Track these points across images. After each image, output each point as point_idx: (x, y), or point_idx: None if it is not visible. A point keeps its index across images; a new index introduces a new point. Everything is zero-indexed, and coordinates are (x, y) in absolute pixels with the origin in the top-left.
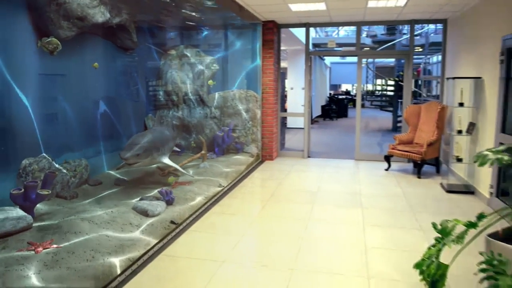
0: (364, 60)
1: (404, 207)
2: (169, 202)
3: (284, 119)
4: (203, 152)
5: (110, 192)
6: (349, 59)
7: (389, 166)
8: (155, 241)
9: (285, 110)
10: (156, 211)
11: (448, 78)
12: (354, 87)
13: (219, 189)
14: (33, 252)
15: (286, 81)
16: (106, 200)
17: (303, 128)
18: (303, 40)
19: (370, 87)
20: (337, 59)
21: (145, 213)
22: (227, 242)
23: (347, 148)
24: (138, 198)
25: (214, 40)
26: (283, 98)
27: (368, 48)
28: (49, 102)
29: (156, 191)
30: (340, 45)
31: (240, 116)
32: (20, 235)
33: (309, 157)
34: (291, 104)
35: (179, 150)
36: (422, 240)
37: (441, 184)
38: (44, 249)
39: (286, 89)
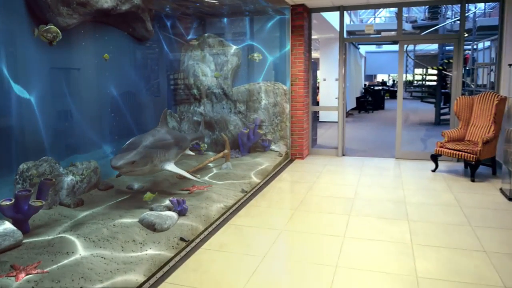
0: (410, 46)
1: (460, 219)
2: (182, 213)
3: (316, 113)
4: (225, 151)
5: (119, 200)
6: (386, 47)
7: (437, 166)
8: (160, 264)
9: (317, 103)
10: (165, 224)
11: (510, 65)
12: (391, 77)
13: (241, 195)
14: (13, 278)
15: (318, 72)
16: (113, 209)
17: (336, 122)
18: (337, 26)
19: (409, 77)
20: (372, 48)
21: (152, 227)
22: (244, 268)
23: (386, 145)
24: (149, 208)
25: (239, 28)
26: (315, 90)
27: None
28: (54, 98)
29: (168, 200)
30: (377, 32)
31: (267, 111)
32: (4, 255)
33: (343, 155)
34: (323, 96)
35: (193, 153)
36: (487, 266)
37: (501, 190)
38: (26, 274)
39: (318, 80)
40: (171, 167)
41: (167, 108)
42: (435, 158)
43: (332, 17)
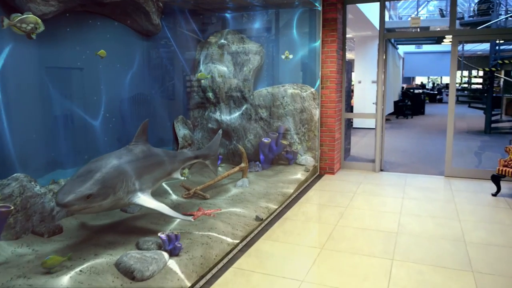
0: (446, 47)
1: None
2: (173, 253)
3: (349, 119)
4: (242, 165)
5: (106, 224)
6: (426, 48)
7: (499, 189)
8: None
9: (351, 109)
10: (148, 271)
11: None
12: (430, 80)
13: (255, 224)
14: None
15: (353, 74)
16: (92, 240)
17: (373, 129)
18: (375, 21)
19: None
20: (411, 48)
21: (130, 275)
22: None
23: (431, 158)
24: (135, 243)
25: (262, 23)
26: (349, 94)
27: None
28: (32, 102)
29: (160, 234)
30: (417, 32)
31: (292, 118)
32: None
33: (381, 170)
34: (358, 101)
35: (182, 177)
36: None
37: None
38: None
39: (352, 83)
40: (143, 200)
41: (177, 114)
42: (497, 179)
43: (370, 11)
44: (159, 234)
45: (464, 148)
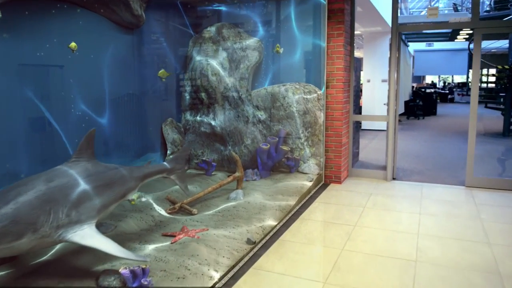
0: (459, 44)
1: None
2: None
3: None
4: (236, 174)
5: (67, 252)
6: (437, 45)
7: None
8: None
9: (359, 110)
10: None
11: None
12: (441, 79)
13: (247, 248)
14: None
15: (361, 73)
16: (41, 278)
17: (383, 131)
18: (385, 15)
19: (463, 78)
20: (422, 46)
21: None
22: None
23: (448, 165)
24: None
25: (261, 16)
26: (358, 94)
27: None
28: None
29: (121, 270)
30: (433, 25)
31: (294, 121)
32: None
33: (394, 179)
34: (367, 101)
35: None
36: None
37: None
38: None
39: (361, 82)
40: (80, 235)
41: (165, 116)
42: None
43: (381, 3)
44: (120, 270)
45: (483, 153)
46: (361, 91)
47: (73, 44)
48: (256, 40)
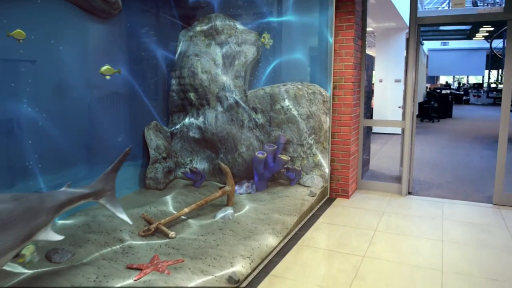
0: (476, 43)
1: None
2: None
3: (372, 115)
4: (226, 188)
5: None
6: (453, 44)
7: None
8: None
9: (370, 113)
10: None
11: None
12: (456, 80)
13: None
14: None
15: (373, 73)
16: None
17: (396, 135)
18: (400, 8)
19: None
20: (437, 45)
21: None
22: None
23: (471, 176)
24: None
25: (260, 6)
26: (370, 96)
27: (488, 27)
28: None
29: None
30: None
31: (296, 126)
32: None
33: (409, 193)
34: (379, 103)
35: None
36: None
37: None
38: None
39: (372, 82)
40: None
41: (149, 119)
42: None
43: None
44: None
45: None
46: (372, 92)
47: (17, 32)
48: (254, 33)
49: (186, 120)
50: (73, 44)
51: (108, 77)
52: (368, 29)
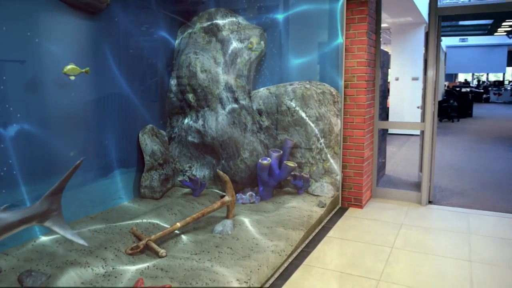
0: (499, 38)
1: None
2: None
3: (385, 118)
4: (225, 199)
5: None
6: (472, 41)
7: None
8: None
9: (386, 114)
10: None
11: None
12: (475, 77)
13: None
14: None
15: (389, 71)
16: None
17: (414, 135)
18: (418, 1)
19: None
20: (455, 41)
21: None
22: None
23: (497, 182)
24: None
25: (265, 0)
26: (385, 95)
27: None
28: None
29: None
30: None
31: (304, 129)
32: None
33: (430, 202)
34: (395, 102)
35: None
36: None
37: None
38: None
39: (388, 80)
40: None
41: (150, 121)
42: None
43: None
44: None
45: None
46: (388, 90)
47: None
48: (258, 29)
49: (185, 123)
50: (53, 40)
51: (72, 78)
52: (383, 25)
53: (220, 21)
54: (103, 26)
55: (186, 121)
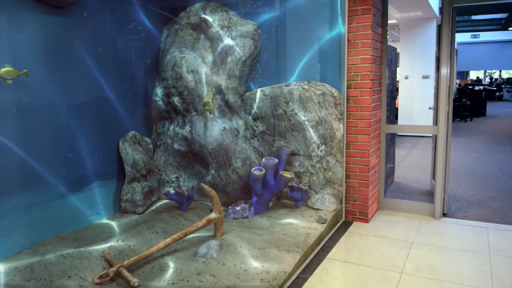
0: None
1: None
2: None
3: (394, 121)
4: (212, 215)
5: None
6: (484, 37)
7: None
8: None
9: (395, 116)
10: None
11: None
12: (488, 74)
13: None
14: None
15: (398, 69)
16: None
17: (426, 137)
18: None
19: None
20: (466, 37)
21: None
22: None
23: None
24: None
25: None
26: (394, 96)
27: None
28: None
29: None
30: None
31: (302, 135)
32: None
33: (444, 215)
34: (404, 102)
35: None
36: None
37: None
38: None
39: (397, 79)
40: None
41: (132, 128)
42: None
43: None
44: None
45: None
46: (397, 89)
47: None
48: (252, 24)
49: (170, 130)
50: (12, 38)
51: (9, 82)
52: (391, 21)
53: (209, 17)
54: (71, 22)
55: (172, 127)
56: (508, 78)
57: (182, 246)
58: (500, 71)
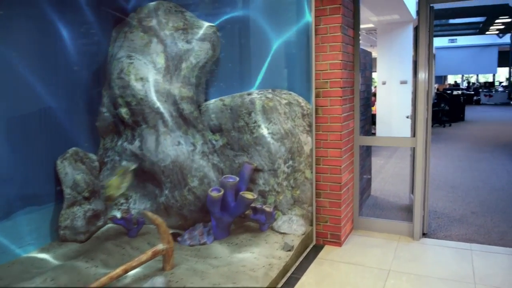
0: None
1: None
2: None
3: (371, 124)
4: (159, 247)
5: None
6: (461, 41)
7: None
8: None
9: (372, 123)
10: None
11: None
12: (465, 79)
13: None
14: None
15: (375, 74)
16: None
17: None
18: None
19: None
20: (444, 42)
21: None
22: None
23: (502, 203)
24: None
25: None
26: (369, 104)
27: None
28: None
29: None
30: (467, 8)
31: (266, 149)
32: None
33: (424, 235)
34: (382, 109)
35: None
36: None
37: None
38: None
39: (375, 85)
40: None
41: (74, 143)
42: None
43: None
44: None
45: None
46: (374, 95)
47: None
48: (209, 26)
49: (118, 145)
50: None
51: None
52: (368, 25)
53: (162, 17)
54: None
55: (120, 142)
56: (485, 82)
57: (124, 282)
58: (477, 75)
